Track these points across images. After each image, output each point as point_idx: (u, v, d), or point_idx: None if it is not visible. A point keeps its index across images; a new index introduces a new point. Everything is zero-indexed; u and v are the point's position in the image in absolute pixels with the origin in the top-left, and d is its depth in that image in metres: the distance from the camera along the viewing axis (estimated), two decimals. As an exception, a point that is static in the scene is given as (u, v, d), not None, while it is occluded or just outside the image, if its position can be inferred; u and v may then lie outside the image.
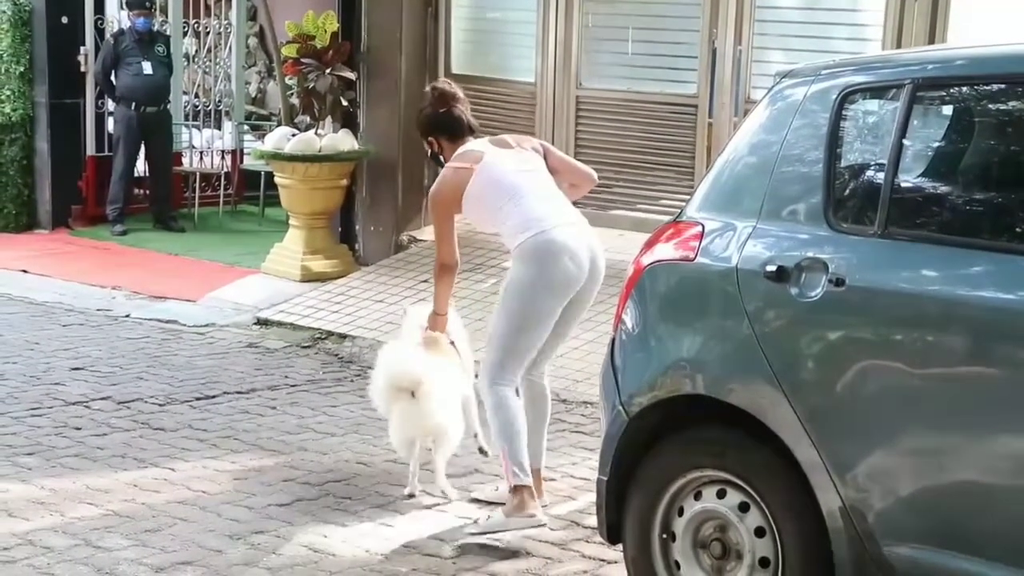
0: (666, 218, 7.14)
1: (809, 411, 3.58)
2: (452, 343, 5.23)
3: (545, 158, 5.09)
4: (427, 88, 5.34)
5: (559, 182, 5.07)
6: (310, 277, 8.97)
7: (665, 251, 4.04)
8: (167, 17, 11.76)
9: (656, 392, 3.96)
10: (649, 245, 4.16)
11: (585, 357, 7.13)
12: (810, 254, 3.63)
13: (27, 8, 10.94)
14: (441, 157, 5.14)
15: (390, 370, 5.06)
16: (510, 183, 4.91)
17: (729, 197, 3.95)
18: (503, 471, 4.84)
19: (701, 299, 3.91)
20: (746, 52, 7.90)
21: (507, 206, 4.89)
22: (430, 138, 5.17)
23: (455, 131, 5.11)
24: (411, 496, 5.22)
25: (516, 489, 4.74)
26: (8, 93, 10.93)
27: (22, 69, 10.93)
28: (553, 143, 8.63)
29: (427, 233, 9.50)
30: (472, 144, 5.10)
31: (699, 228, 3.95)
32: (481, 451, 5.54)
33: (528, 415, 4.95)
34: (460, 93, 5.19)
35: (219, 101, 12.48)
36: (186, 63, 12.68)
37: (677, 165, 8.27)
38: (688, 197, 4.22)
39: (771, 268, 3.68)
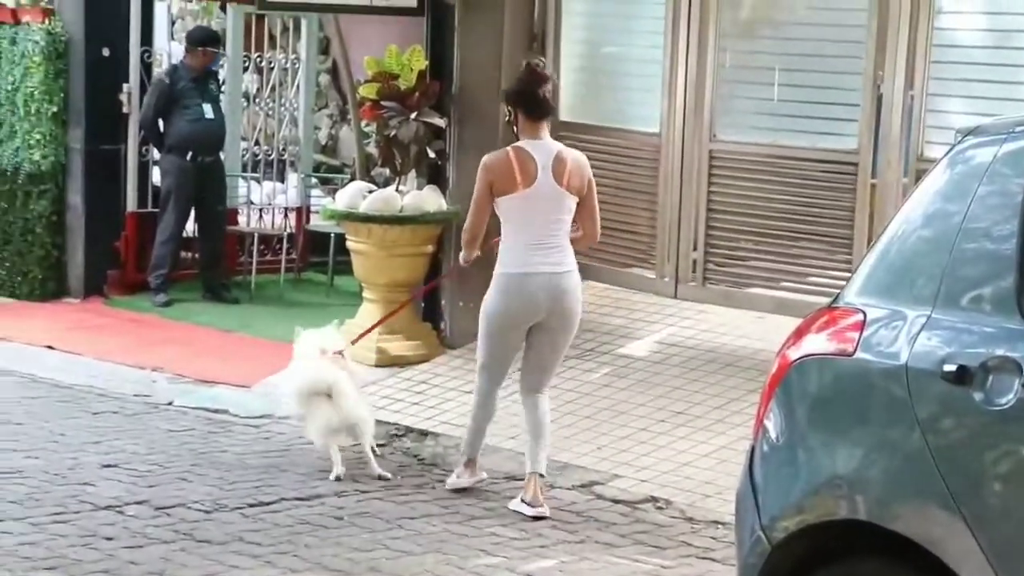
0: (816, 299, 7.09)
1: (997, 544, 3.52)
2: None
3: (585, 195, 6.80)
4: (523, 62, 6.99)
5: (576, 220, 6.83)
6: (387, 361, 9.04)
7: (817, 343, 4.04)
8: (224, 50, 11.99)
9: (805, 515, 3.94)
10: (798, 335, 4.15)
11: (716, 467, 7.08)
12: (999, 352, 3.60)
13: (63, 38, 11.21)
14: (515, 128, 6.85)
15: (307, 376, 7.37)
16: (529, 219, 6.71)
17: (898, 279, 3.94)
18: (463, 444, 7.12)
19: (861, 403, 3.89)
20: (919, 99, 7.86)
21: (513, 231, 6.75)
22: (510, 107, 6.86)
23: (533, 111, 6.73)
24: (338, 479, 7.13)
25: (467, 462, 7.06)
26: (38, 137, 11.21)
27: (55, 110, 11.21)
28: (680, 205, 8.73)
29: (527, 311, 9.53)
30: (542, 155, 6.69)
31: (860, 316, 3.95)
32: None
33: (528, 427, 6.91)
34: (551, 76, 6.84)
35: (283, 149, 12.70)
36: (246, 104, 12.95)
37: (831, 235, 8.23)
38: (844, 274, 4.23)
39: (949, 368, 3.65)
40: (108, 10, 11.28)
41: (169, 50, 12.39)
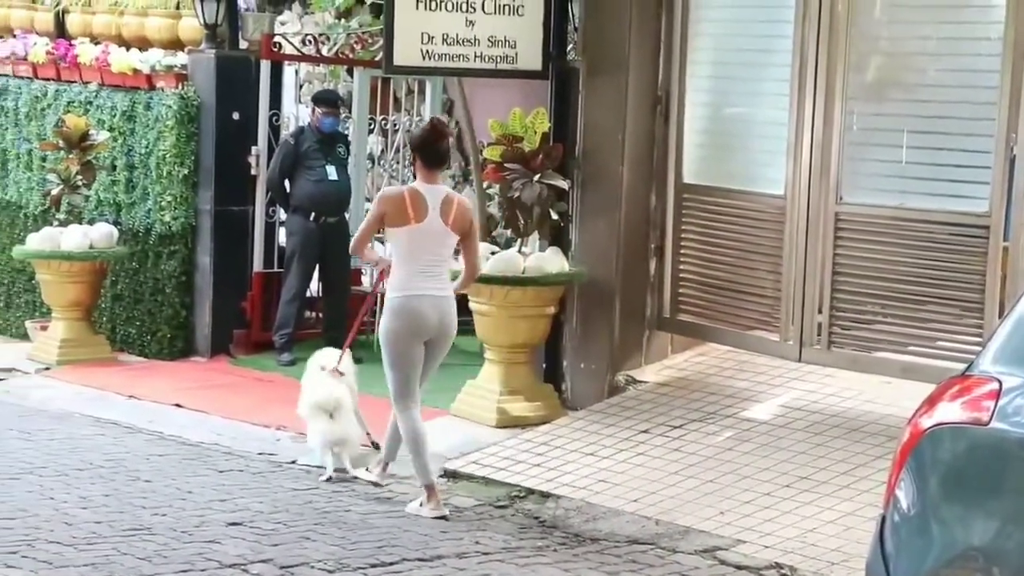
0: (945, 364, 6.97)
1: None
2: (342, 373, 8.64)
3: (468, 235, 7.79)
4: (429, 118, 8.71)
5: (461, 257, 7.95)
6: (507, 422, 9.05)
7: (951, 411, 3.99)
8: (350, 113, 12.17)
9: (938, 587, 3.88)
10: (930, 403, 4.10)
11: (843, 533, 6.97)
12: None
13: (195, 103, 11.47)
14: (414, 169, 7.98)
15: (321, 393, 8.47)
16: (414, 251, 7.68)
17: (1035, 347, 3.87)
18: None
19: (997, 473, 3.85)
20: (1052, 161, 7.74)
21: (401, 263, 7.72)
22: (413, 153, 7.97)
23: (430, 161, 7.76)
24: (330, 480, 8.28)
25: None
26: (169, 199, 11.45)
27: (186, 172, 11.45)
28: (806, 268, 8.64)
29: (648, 374, 9.51)
30: (433, 197, 7.67)
31: (995, 385, 3.90)
32: (374, 445, 8.65)
33: (406, 439, 7.84)
34: (451, 133, 8.19)
35: (406, 210, 12.80)
36: (370, 165, 13.11)
37: (961, 299, 8.08)
38: (974, 339, 4.18)
39: (1090, 438, 3.58)
40: (238, 75, 11.54)
41: (297, 113, 12.60)
